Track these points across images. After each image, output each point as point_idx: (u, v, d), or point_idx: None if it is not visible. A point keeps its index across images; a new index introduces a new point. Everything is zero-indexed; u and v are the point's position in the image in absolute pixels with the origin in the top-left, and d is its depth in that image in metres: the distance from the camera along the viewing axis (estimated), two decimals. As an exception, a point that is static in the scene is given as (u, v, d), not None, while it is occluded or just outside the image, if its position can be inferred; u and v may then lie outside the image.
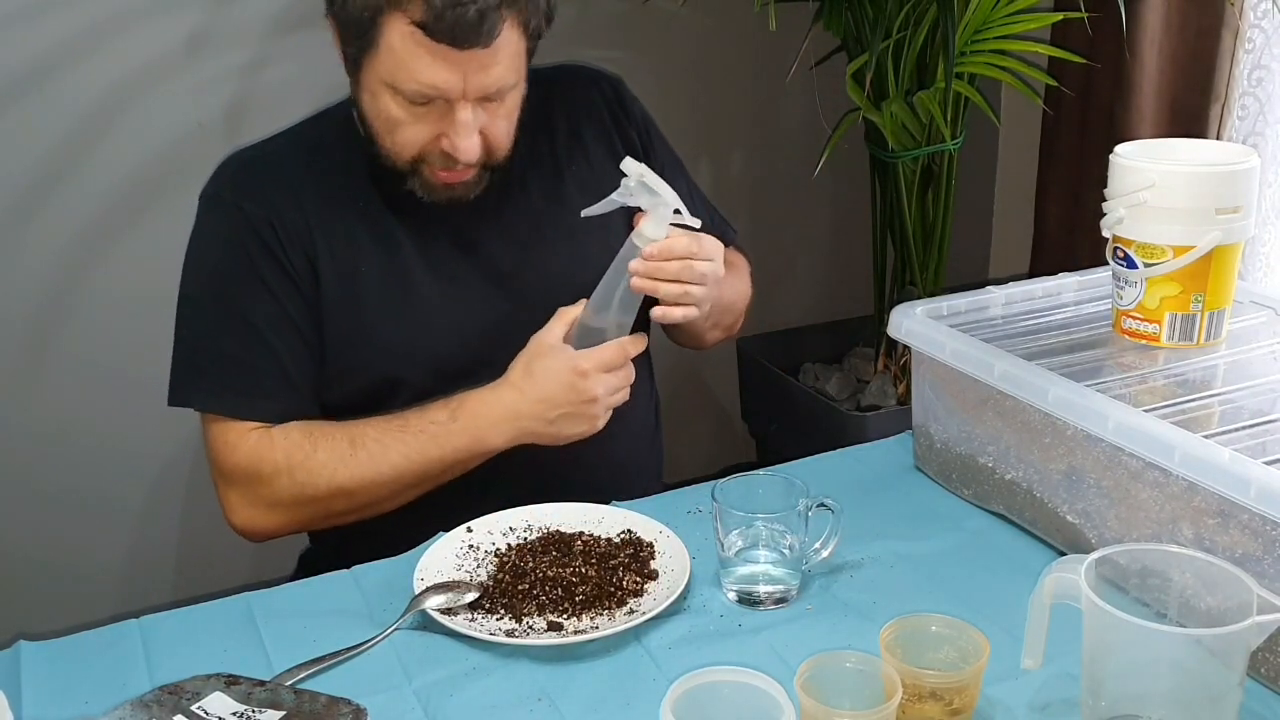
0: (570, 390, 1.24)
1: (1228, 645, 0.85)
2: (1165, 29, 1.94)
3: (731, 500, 1.09)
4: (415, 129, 1.23)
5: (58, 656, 1.06)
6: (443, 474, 1.29)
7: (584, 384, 1.24)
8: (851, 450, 1.41)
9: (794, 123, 2.48)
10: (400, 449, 1.26)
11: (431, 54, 1.16)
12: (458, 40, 1.15)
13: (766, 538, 1.09)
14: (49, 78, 1.96)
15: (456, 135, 1.21)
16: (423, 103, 1.20)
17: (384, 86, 1.21)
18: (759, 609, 1.10)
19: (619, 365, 1.26)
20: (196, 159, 2.04)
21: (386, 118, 1.23)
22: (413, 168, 1.26)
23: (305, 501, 1.28)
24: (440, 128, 1.22)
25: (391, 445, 1.26)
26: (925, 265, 2.15)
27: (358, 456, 1.26)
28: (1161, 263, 1.20)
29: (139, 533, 2.20)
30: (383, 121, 1.24)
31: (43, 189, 2.01)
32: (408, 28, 1.15)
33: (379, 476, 1.27)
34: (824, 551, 1.11)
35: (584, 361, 1.24)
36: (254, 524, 1.31)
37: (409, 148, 1.24)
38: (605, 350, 1.25)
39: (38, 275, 2.04)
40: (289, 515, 1.30)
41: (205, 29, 2.03)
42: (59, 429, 2.10)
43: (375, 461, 1.26)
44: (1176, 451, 1.00)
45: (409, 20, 1.15)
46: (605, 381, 1.25)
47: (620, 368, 1.27)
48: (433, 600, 1.08)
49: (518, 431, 1.27)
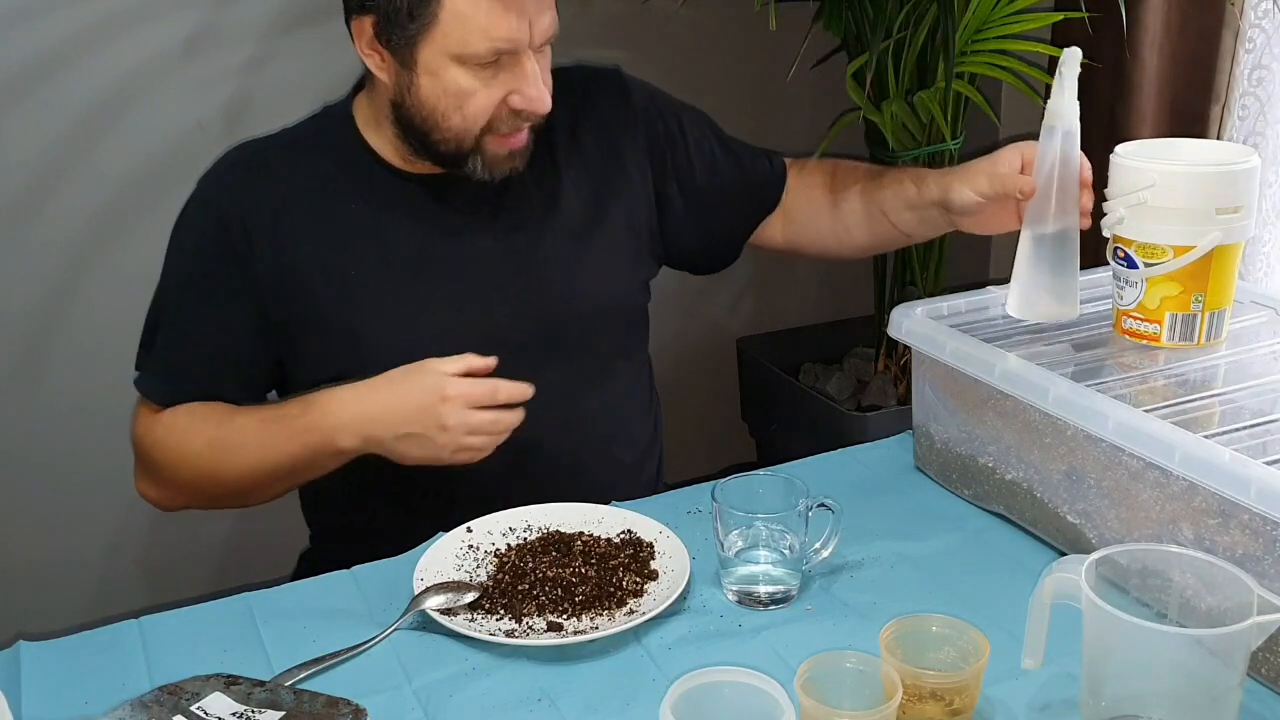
0: (424, 411, 1.18)
1: (1228, 645, 0.85)
2: (1166, 29, 1.94)
3: (731, 500, 1.09)
4: (486, 94, 1.23)
5: (58, 656, 1.06)
6: (302, 469, 1.27)
7: (441, 409, 1.17)
8: (851, 450, 1.41)
9: (794, 123, 2.48)
10: (258, 438, 1.26)
11: (501, 8, 1.18)
12: None
13: (766, 538, 1.09)
14: (49, 77, 1.96)
15: (530, 86, 1.23)
16: (492, 62, 1.21)
17: (448, 60, 1.21)
18: (759, 609, 1.09)
19: (484, 402, 1.18)
20: (196, 159, 2.03)
21: (455, 92, 1.23)
22: (477, 143, 1.26)
23: (181, 480, 1.31)
24: (509, 86, 1.23)
25: (252, 434, 1.26)
26: (925, 265, 2.15)
27: (222, 442, 1.27)
28: (1162, 263, 1.20)
29: (139, 533, 2.21)
30: (450, 98, 1.23)
31: (43, 188, 2.01)
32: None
33: (241, 464, 1.27)
34: (824, 551, 1.11)
35: (450, 388, 1.18)
36: (148, 495, 1.37)
37: (481, 115, 1.24)
38: (476, 385, 1.18)
39: (38, 274, 2.04)
40: (173, 491, 1.34)
41: (205, 28, 2.03)
42: (59, 428, 2.10)
43: (236, 449, 1.27)
44: (1177, 452, 1.00)
45: None
46: (464, 416, 1.18)
47: (486, 406, 1.18)
48: (433, 600, 1.08)
49: (364, 438, 1.22)
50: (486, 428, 1.19)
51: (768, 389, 2.44)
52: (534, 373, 1.32)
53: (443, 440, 1.18)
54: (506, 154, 1.28)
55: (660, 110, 1.47)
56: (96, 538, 2.18)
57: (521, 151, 1.29)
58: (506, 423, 1.20)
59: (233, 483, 1.30)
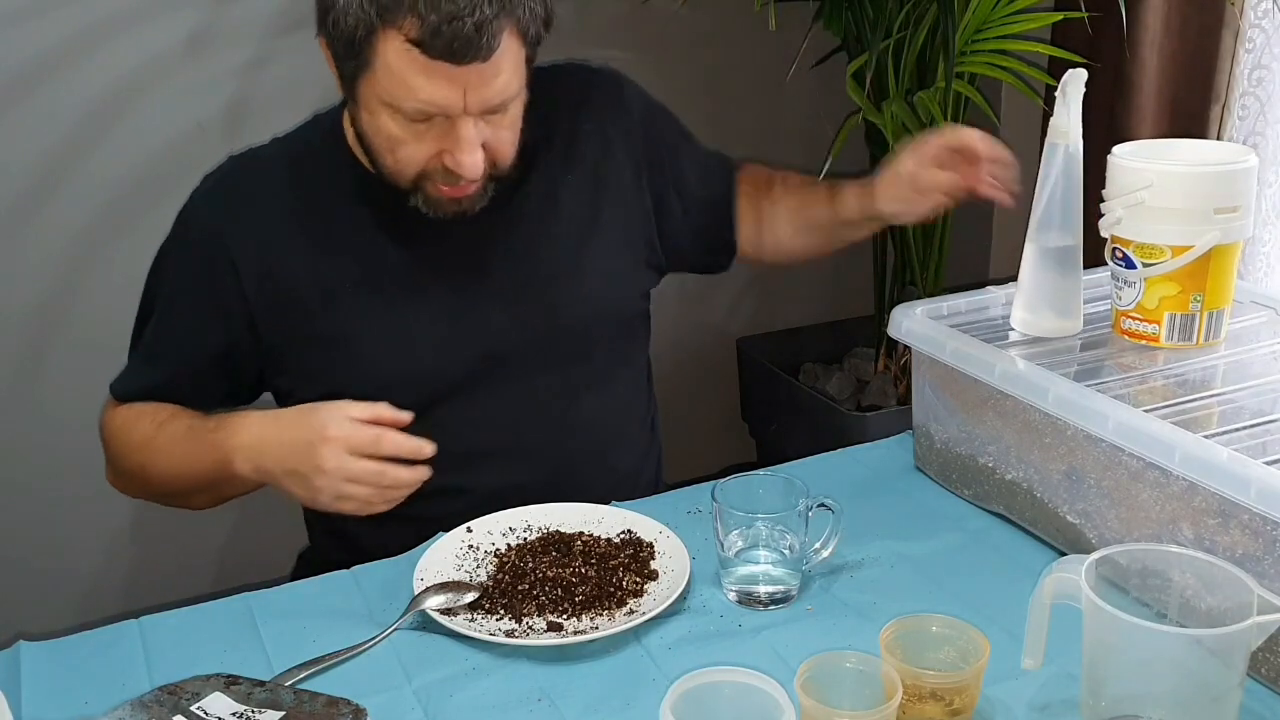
0: (307, 448, 1.13)
1: (1228, 645, 0.85)
2: (1165, 29, 1.94)
3: (731, 500, 1.09)
4: (416, 147, 1.19)
5: (58, 656, 1.06)
6: (219, 483, 1.25)
7: (320, 450, 1.12)
8: (851, 450, 1.41)
9: (794, 123, 2.48)
10: (181, 447, 1.25)
11: (429, 72, 1.12)
12: (456, 56, 1.11)
13: (766, 538, 1.09)
14: (49, 77, 1.96)
15: (459, 151, 1.18)
16: (423, 120, 1.17)
17: (382, 105, 1.17)
18: (759, 609, 1.09)
19: (365, 449, 1.12)
20: (196, 159, 2.04)
21: (387, 136, 1.19)
22: (416, 185, 1.23)
23: (126, 472, 1.34)
24: (442, 144, 1.18)
25: (179, 442, 1.26)
26: (925, 265, 2.15)
27: (153, 442, 1.28)
28: (1160, 263, 1.20)
29: (139, 533, 2.21)
30: (383, 140, 1.20)
31: (43, 189, 2.01)
32: (403, 45, 1.11)
33: (165, 467, 1.28)
34: (824, 552, 1.11)
35: (333, 429, 1.12)
36: (111, 483, 1.41)
37: (411, 165, 1.20)
38: (359, 430, 1.12)
39: (38, 275, 2.04)
40: (124, 481, 1.37)
41: (205, 29, 2.03)
42: (59, 429, 2.10)
43: (162, 451, 1.27)
44: (1176, 451, 1.00)
45: (404, 38, 1.11)
46: (342, 461, 1.12)
47: (368, 454, 1.12)
48: (433, 600, 1.08)
49: (255, 467, 1.18)
50: (368, 478, 1.12)
51: (768, 389, 2.44)
52: (529, 381, 1.31)
53: (319, 483, 1.13)
54: (449, 199, 1.24)
55: (655, 114, 1.45)
56: (97, 538, 2.18)
57: (470, 198, 1.24)
58: (394, 478, 1.13)
59: (160, 484, 1.31)
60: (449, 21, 1.09)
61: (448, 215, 1.25)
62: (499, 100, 1.18)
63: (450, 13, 1.09)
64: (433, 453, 1.14)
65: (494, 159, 1.22)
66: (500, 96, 1.17)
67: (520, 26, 1.16)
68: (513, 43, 1.16)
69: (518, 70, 1.19)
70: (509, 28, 1.14)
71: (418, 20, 1.10)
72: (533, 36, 1.19)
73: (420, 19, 1.10)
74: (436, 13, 1.09)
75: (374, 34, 1.13)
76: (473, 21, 1.10)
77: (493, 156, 1.22)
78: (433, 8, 1.09)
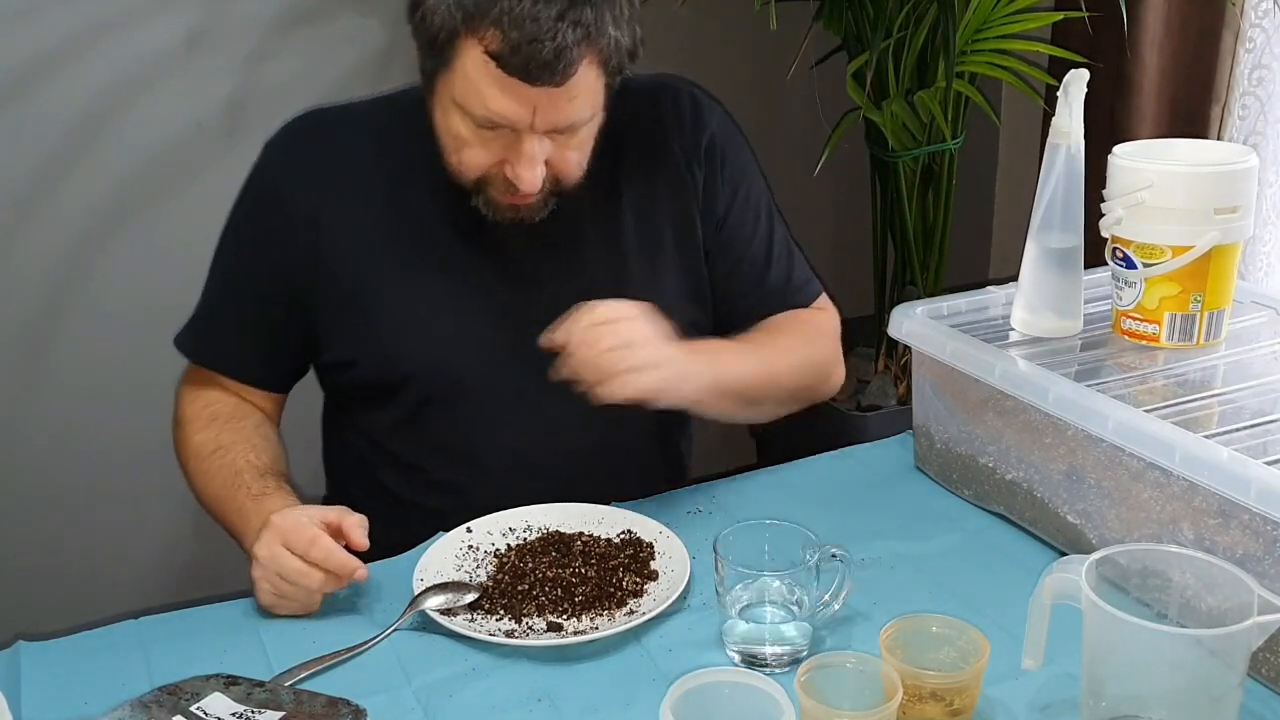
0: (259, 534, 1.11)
1: (1228, 645, 0.85)
2: (1166, 29, 1.94)
3: (734, 553, 1.01)
4: (480, 152, 1.19)
5: (57, 657, 1.06)
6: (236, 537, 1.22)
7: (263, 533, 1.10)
8: (852, 450, 1.41)
9: (794, 123, 2.47)
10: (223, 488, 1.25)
11: (502, 85, 1.12)
12: (530, 76, 1.11)
13: (773, 592, 1.03)
14: (49, 77, 1.96)
15: (519, 165, 1.17)
16: (490, 128, 1.16)
17: (454, 106, 1.17)
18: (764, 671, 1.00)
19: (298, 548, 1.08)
20: (196, 159, 2.05)
21: (455, 135, 1.20)
22: (477, 187, 1.22)
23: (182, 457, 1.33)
24: (505, 154, 1.18)
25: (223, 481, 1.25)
26: (925, 265, 2.15)
27: (205, 464, 1.28)
28: (1160, 263, 1.20)
29: (139, 533, 2.20)
30: (451, 139, 1.20)
31: (43, 188, 2.01)
32: (481, 56, 1.11)
33: (205, 491, 1.28)
34: (835, 604, 1.04)
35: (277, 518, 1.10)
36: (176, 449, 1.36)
37: (473, 169, 1.21)
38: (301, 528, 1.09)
39: (38, 274, 2.04)
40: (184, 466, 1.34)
41: (205, 28, 2.03)
42: (59, 429, 2.10)
43: (209, 477, 1.27)
44: (1177, 452, 1.00)
45: (483, 49, 1.11)
46: (274, 550, 1.08)
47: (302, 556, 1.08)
48: (432, 601, 1.08)
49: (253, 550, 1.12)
50: (293, 576, 1.08)
51: (768, 389, 2.43)
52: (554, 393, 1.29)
53: (256, 572, 1.10)
54: (508, 206, 1.23)
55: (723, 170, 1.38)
56: (97, 538, 2.18)
57: (530, 207, 1.23)
58: (315, 582, 1.08)
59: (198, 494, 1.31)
60: (529, 42, 1.09)
61: (505, 220, 1.24)
62: (567, 123, 1.17)
63: (532, 33, 1.09)
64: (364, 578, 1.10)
65: (556, 175, 1.21)
66: (569, 120, 1.17)
67: (602, 56, 1.15)
68: (591, 70, 1.15)
69: (592, 96, 1.18)
70: (589, 56, 1.13)
71: (499, 35, 1.10)
72: (614, 66, 1.18)
73: (502, 34, 1.09)
74: (519, 30, 1.09)
75: (456, 38, 1.13)
76: (553, 46, 1.09)
77: (555, 173, 1.21)
78: (515, 25, 1.09)
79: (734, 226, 1.38)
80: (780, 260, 1.41)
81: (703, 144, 1.36)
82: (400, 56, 2.11)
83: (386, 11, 2.07)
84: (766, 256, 1.40)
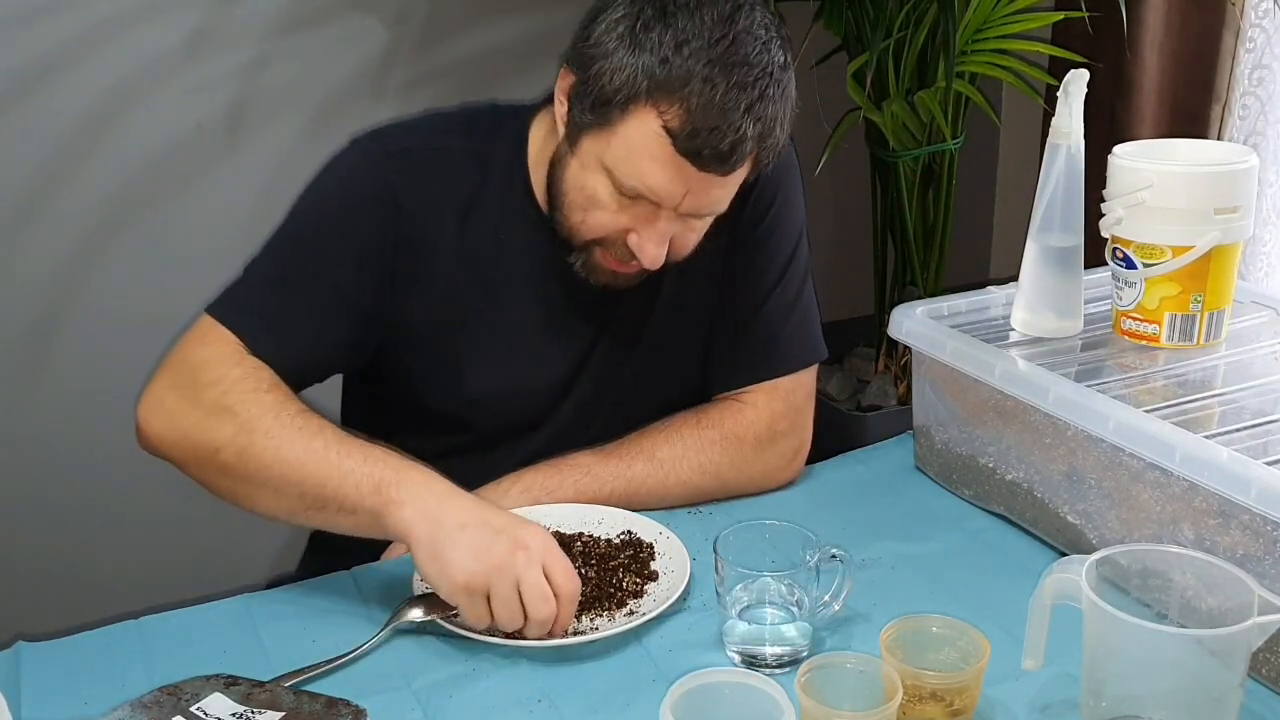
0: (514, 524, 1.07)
1: (1229, 646, 0.85)
2: (1166, 29, 1.94)
3: (733, 553, 1.02)
4: (611, 216, 1.16)
5: (57, 657, 1.06)
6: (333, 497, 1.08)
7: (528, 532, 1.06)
8: (852, 451, 1.41)
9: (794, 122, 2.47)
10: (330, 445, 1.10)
11: (665, 162, 1.10)
12: (701, 161, 1.10)
13: (773, 593, 1.03)
14: (49, 78, 1.96)
15: (649, 240, 1.16)
16: (632, 197, 1.14)
17: (601, 167, 1.14)
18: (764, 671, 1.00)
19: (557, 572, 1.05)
20: (196, 159, 2.05)
21: (589, 195, 1.16)
22: (586, 246, 1.20)
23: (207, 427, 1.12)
24: (635, 224, 1.16)
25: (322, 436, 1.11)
26: (925, 265, 2.15)
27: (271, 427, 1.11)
28: (1160, 263, 1.20)
29: (139, 534, 2.20)
30: (583, 196, 1.17)
31: (43, 189, 2.01)
32: (656, 128, 1.09)
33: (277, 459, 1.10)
34: (835, 605, 1.05)
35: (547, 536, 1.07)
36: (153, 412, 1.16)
37: (598, 230, 1.18)
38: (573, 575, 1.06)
39: (37, 276, 2.04)
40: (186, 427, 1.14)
41: (205, 29, 2.03)
42: (59, 430, 2.10)
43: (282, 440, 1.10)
44: (1177, 452, 1.00)
45: (662, 123, 1.09)
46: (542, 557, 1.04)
47: None
48: (432, 601, 1.08)
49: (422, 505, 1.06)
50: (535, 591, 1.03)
51: (768, 389, 2.43)
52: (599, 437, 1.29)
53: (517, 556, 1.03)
54: (609, 271, 1.21)
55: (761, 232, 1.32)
56: (97, 538, 2.18)
57: (628, 277, 1.22)
58: (519, 618, 1.03)
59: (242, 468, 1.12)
60: (711, 130, 1.08)
61: (598, 283, 1.23)
62: (710, 211, 1.18)
63: (716, 123, 1.08)
64: None
65: (672, 254, 1.20)
66: (712, 208, 1.17)
67: (762, 156, 1.15)
68: (747, 167, 1.15)
69: (735, 189, 1.18)
70: (755, 154, 1.13)
71: (684, 113, 1.08)
72: (763, 165, 1.17)
73: (687, 113, 1.08)
74: (705, 115, 1.08)
75: (634, 103, 1.10)
76: (733, 139, 1.09)
77: (673, 252, 1.20)
78: (704, 109, 1.08)
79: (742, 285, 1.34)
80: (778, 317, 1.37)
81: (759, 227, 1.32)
82: (401, 57, 2.12)
83: (387, 12, 2.07)
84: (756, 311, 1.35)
